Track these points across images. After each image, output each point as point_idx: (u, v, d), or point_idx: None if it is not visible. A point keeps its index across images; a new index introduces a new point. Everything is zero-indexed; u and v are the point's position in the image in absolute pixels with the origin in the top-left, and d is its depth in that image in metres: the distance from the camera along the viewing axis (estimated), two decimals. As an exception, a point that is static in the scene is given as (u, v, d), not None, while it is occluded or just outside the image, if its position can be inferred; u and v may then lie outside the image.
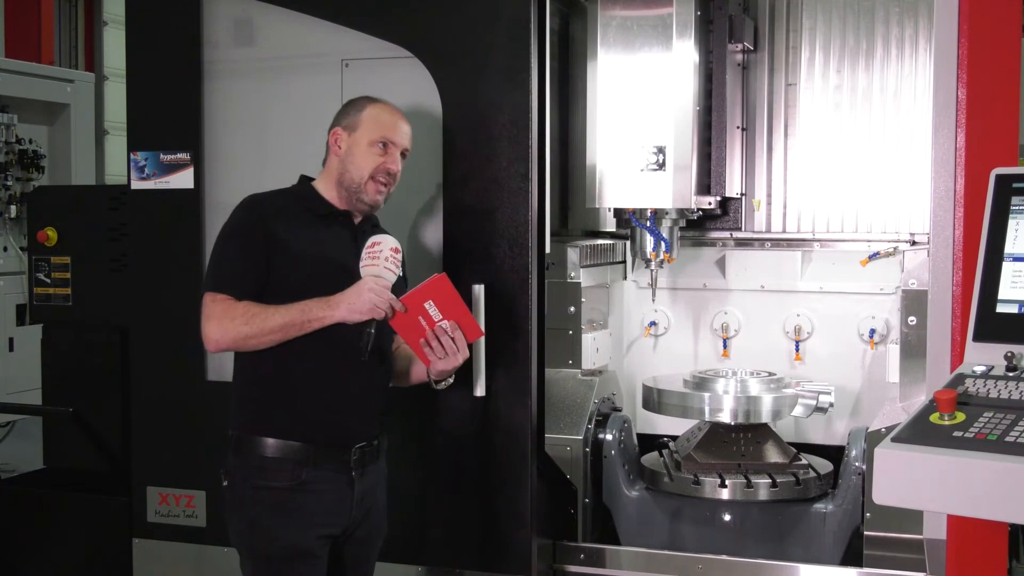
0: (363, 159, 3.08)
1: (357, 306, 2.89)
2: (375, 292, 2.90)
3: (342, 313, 2.90)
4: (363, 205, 3.11)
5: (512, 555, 3.61)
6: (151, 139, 3.98)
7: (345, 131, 3.13)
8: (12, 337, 7.02)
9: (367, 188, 3.08)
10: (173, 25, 3.95)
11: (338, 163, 3.11)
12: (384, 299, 2.91)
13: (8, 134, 7.03)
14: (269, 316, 2.90)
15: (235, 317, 2.91)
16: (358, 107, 3.15)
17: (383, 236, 3.01)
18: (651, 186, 4.00)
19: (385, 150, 3.10)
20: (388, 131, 3.12)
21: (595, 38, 4.06)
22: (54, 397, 4.40)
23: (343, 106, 3.22)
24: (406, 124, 3.18)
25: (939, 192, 3.08)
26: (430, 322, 3.02)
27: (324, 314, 2.90)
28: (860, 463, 3.83)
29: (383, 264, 2.94)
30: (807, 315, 4.49)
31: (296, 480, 2.96)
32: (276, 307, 2.91)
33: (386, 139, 3.10)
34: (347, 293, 2.91)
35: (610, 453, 4.12)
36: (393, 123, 3.14)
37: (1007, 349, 2.55)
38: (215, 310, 2.94)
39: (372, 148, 3.09)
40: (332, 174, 3.13)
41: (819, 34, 4.41)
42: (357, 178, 3.08)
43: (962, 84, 2.96)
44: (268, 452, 2.97)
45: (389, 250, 2.96)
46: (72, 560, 4.29)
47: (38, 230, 4.38)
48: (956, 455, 2.28)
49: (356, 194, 3.09)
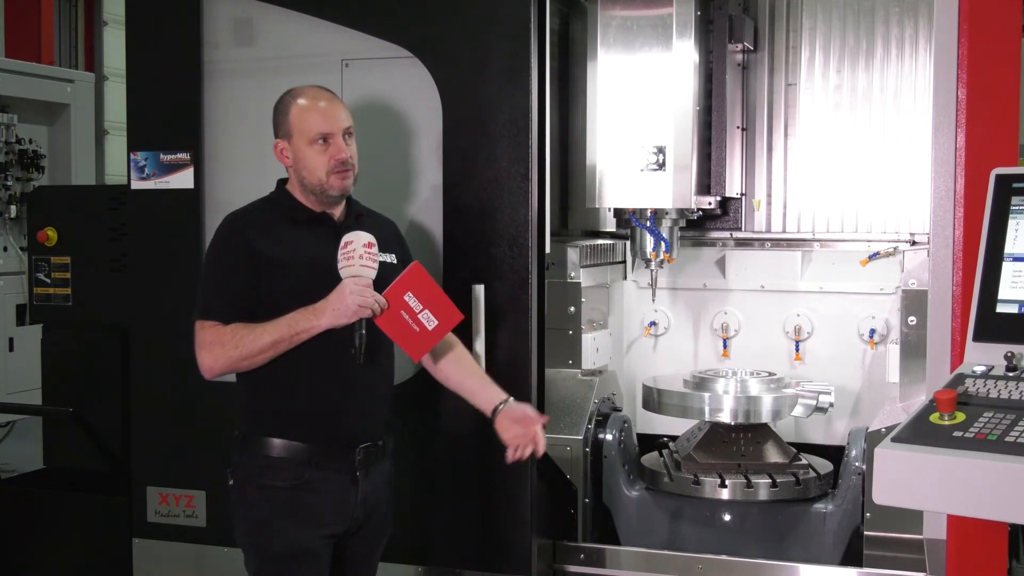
0: (312, 161, 3.01)
1: (342, 311, 2.88)
2: (357, 293, 2.88)
3: (328, 320, 2.89)
4: (333, 199, 3.07)
5: (512, 555, 3.61)
6: (151, 139, 3.98)
7: (283, 140, 3.05)
8: (12, 337, 7.02)
9: (330, 183, 3.02)
10: (173, 25, 3.95)
11: (293, 172, 3.07)
12: (368, 298, 2.89)
13: (8, 134, 7.04)
14: (257, 337, 2.89)
15: (225, 343, 2.91)
16: (283, 111, 3.06)
17: (354, 234, 2.95)
18: (651, 186, 4.00)
19: (327, 143, 3.02)
20: (321, 124, 3.01)
21: (595, 38, 4.06)
22: (54, 397, 4.40)
23: (273, 111, 3.12)
24: (336, 105, 3.07)
25: (939, 192, 3.08)
26: (411, 313, 3.00)
27: (311, 324, 2.89)
28: (860, 463, 3.83)
29: (359, 263, 2.91)
30: (807, 315, 4.49)
31: (300, 480, 2.95)
32: (264, 326, 2.90)
33: (322, 133, 3.01)
34: (330, 299, 2.89)
35: (610, 453, 4.12)
36: (322, 113, 3.03)
37: (1007, 349, 2.56)
38: (205, 338, 2.94)
39: (314, 147, 3.01)
40: (295, 182, 3.09)
41: (819, 34, 4.40)
42: (316, 180, 3.02)
43: (962, 84, 2.96)
44: (272, 452, 2.97)
45: (363, 247, 2.92)
46: (72, 560, 4.29)
47: (38, 230, 4.38)
48: (956, 455, 2.28)
49: (323, 193, 3.04)
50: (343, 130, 3.05)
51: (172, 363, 3.93)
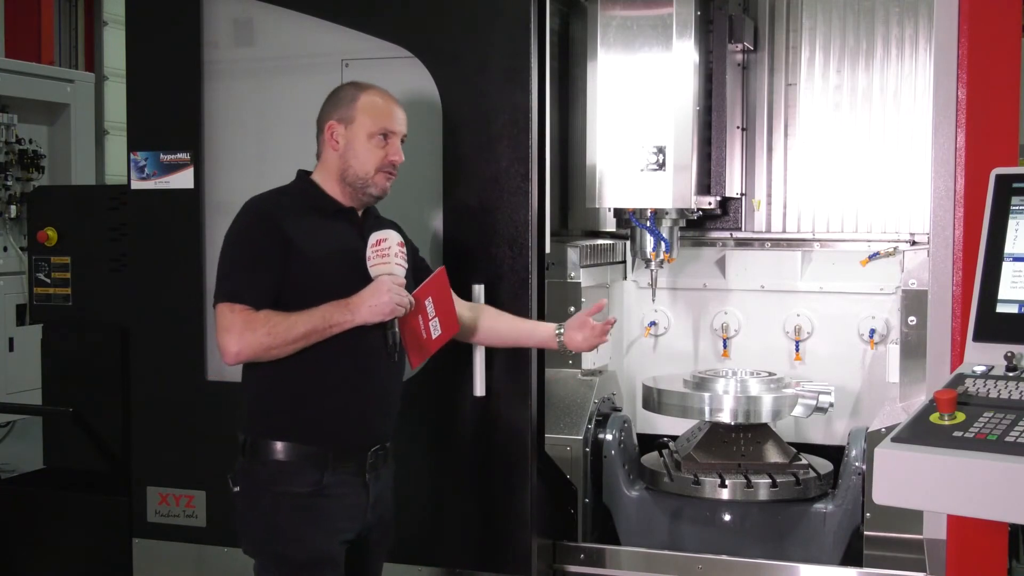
0: (366, 154, 2.97)
1: (379, 308, 2.83)
2: (395, 292, 2.84)
3: (364, 315, 2.83)
4: (370, 198, 3.03)
5: (512, 555, 3.61)
6: (151, 139, 3.98)
7: (340, 124, 2.98)
8: (12, 337, 7.01)
9: (375, 181, 2.98)
10: (173, 25, 3.95)
11: (338, 158, 3.00)
12: (404, 297, 2.86)
13: (8, 134, 7.02)
14: (292, 325, 2.80)
15: (256, 328, 2.80)
16: (350, 96, 3.01)
17: (387, 232, 2.93)
18: (651, 186, 4.00)
19: (386, 141, 2.99)
20: (386, 121, 2.99)
21: (595, 38, 4.06)
22: (54, 397, 4.39)
23: (332, 95, 3.07)
24: (400, 109, 3.06)
25: (939, 192, 3.08)
26: (425, 319, 2.99)
27: (345, 318, 2.82)
28: (860, 463, 3.83)
29: (394, 261, 2.88)
30: (807, 315, 4.49)
31: (317, 485, 2.88)
32: (297, 315, 2.82)
33: (386, 130, 2.99)
34: (364, 295, 2.84)
35: (610, 453, 4.12)
36: (389, 111, 3.01)
37: (1007, 349, 2.56)
38: (235, 321, 2.81)
39: (372, 140, 2.98)
40: (332, 170, 3.01)
41: (819, 34, 4.41)
42: (363, 173, 2.98)
43: (962, 84, 2.96)
44: (285, 457, 2.88)
45: (396, 245, 2.90)
46: (72, 560, 4.28)
47: (38, 230, 4.38)
48: (956, 455, 2.28)
49: (363, 188, 2.99)
50: (402, 134, 3.06)
51: (172, 363, 3.93)
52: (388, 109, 3.02)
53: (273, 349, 2.82)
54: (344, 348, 2.87)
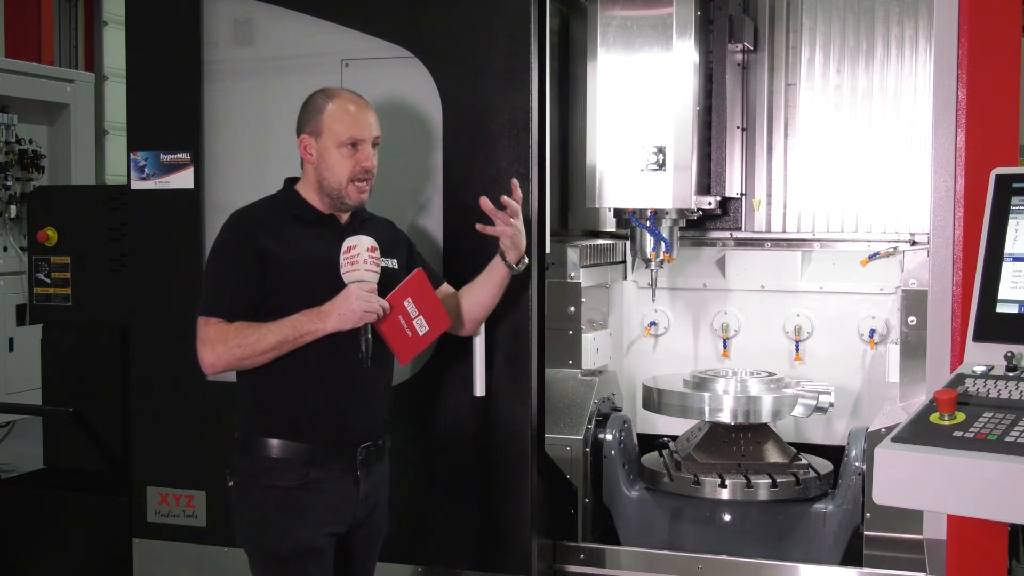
0: (337, 164, 3.02)
1: (347, 316, 2.89)
2: (363, 299, 2.89)
3: (333, 324, 2.90)
4: (347, 207, 3.09)
5: (512, 555, 3.61)
6: (151, 139, 3.98)
7: (311, 136, 3.04)
8: (12, 337, 7.02)
9: (348, 192, 3.04)
10: (173, 25, 3.95)
11: (313, 171, 3.06)
12: (373, 303, 2.91)
13: (8, 134, 7.03)
14: (262, 336, 2.90)
15: (228, 340, 2.92)
16: (317, 108, 3.04)
17: (357, 238, 2.95)
18: (651, 186, 4.00)
19: (356, 149, 3.02)
20: (353, 129, 3.01)
21: (595, 38, 4.05)
22: (54, 397, 4.40)
23: (304, 105, 3.10)
24: (369, 112, 3.07)
25: (939, 192, 3.08)
26: (407, 319, 3.02)
27: (315, 327, 2.90)
28: (860, 463, 3.83)
29: (363, 268, 2.91)
30: (807, 315, 4.49)
31: (303, 480, 2.96)
32: (268, 326, 2.91)
33: (353, 138, 3.02)
34: (335, 303, 2.90)
35: (610, 453, 4.12)
36: (356, 118, 3.03)
37: (1007, 349, 2.56)
38: (208, 334, 2.95)
39: (342, 150, 3.01)
40: (311, 181, 3.08)
41: (819, 34, 4.40)
42: (336, 184, 3.03)
43: (962, 84, 2.96)
44: (274, 453, 2.97)
45: (366, 251, 2.92)
46: (72, 560, 4.29)
47: (38, 230, 4.39)
48: (956, 455, 2.28)
49: (338, 199, 3.05)
50: (372, 139, 3.06)
51: (172, 363, 3.92)
52: (354, 117, 3.04)
53: (246, 360, 2.94)
54: (330, 349, 2.94)
